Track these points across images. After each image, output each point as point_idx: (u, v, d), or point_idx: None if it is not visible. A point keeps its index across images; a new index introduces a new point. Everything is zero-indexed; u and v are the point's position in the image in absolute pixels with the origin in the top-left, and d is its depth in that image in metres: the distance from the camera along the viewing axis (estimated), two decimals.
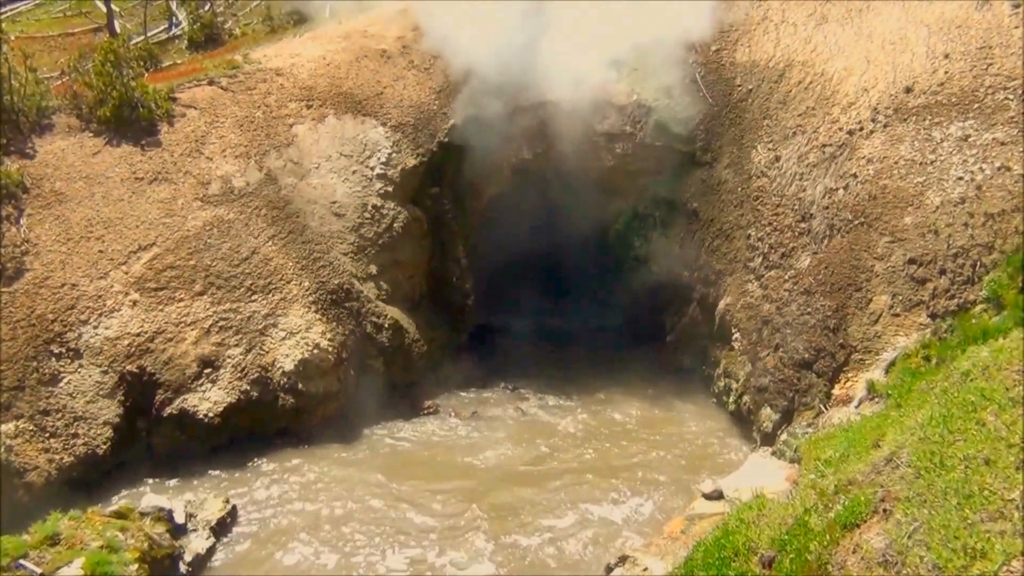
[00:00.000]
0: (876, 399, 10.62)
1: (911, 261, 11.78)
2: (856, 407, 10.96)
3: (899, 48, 13.90)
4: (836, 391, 11.80)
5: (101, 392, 12.95)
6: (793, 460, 10.60)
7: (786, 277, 13.28)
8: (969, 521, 5.29)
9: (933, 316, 11.43)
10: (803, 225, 13.41)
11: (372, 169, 15.61)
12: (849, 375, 11.83)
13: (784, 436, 11.95)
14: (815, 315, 12.42)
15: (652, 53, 16.15)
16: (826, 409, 11.69)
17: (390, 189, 15.63)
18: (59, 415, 12.62)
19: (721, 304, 14.70)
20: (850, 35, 14.71)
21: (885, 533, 5.70)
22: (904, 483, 6.12)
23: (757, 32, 15.95)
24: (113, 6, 28.12)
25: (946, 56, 13.28)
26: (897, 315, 11.67)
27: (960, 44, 13.32)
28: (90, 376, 12.97)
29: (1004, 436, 5.98)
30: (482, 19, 16.04)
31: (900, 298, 11.72)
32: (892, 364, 11.20)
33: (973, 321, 10.57)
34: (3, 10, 31.47)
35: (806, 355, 12.38)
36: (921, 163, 12.41)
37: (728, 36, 16.29)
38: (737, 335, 14.07)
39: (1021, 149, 11.78)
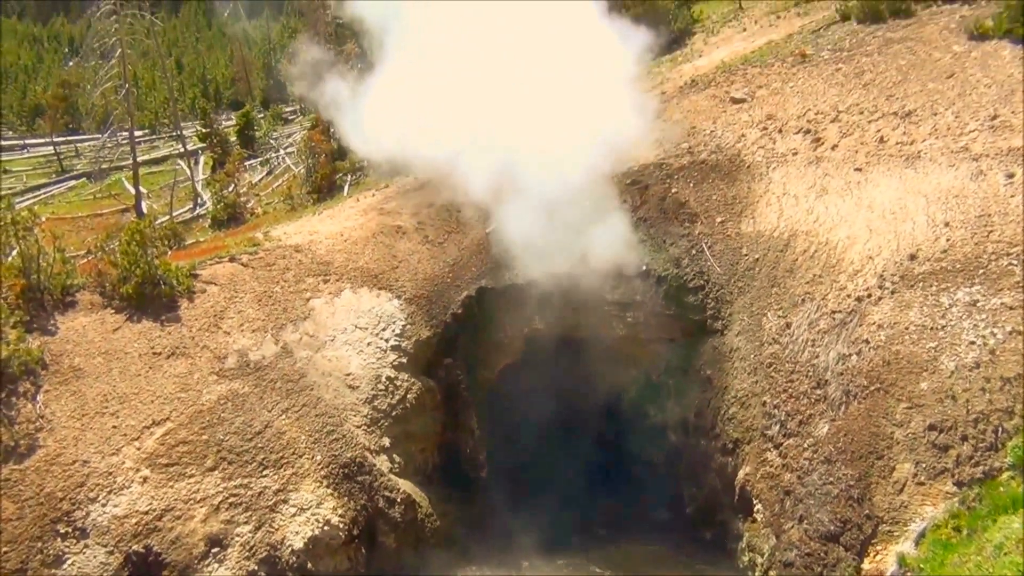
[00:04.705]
0: (908, 574, 10.20)
1: (931, 427, 11.60)
2: None
3: (900, 217, 14.29)
4: (866, 565, 11.33)
5: (105, 573, 12.58)
6: None
7: (805, 445, 13.06)
8: None
9: (959, 484, 11.12)
10: (819, 392, 13.33)
11: (387, 341, 15.79)
12: (878, 548, 11.39)
13: None
14: (838, 485, 12.11)
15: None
16: None
17: (404, 361, 15.75)
18: None
19: (740, 474, 14.40)
20: (851, 206, 15.17)
21: None
22: None
23: (760, 204, 16.47)
24: (142, 188, 29.51)
25: (946, 224, 13.63)
26: (922, 484, 11.37)
27: (959, 213, 13.71)
28: (95, 557, 12.64)
29: None
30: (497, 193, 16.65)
31: (924, 466, 11.45)
32: (922, 535, 10.82)
33: (1001, 489, 10.32)
34: (38, 193, 33.05)
35: (832, 527, 11.98)
36: (932, 328, 12.46)
37: (732, 208, 16.80)
38: (759, 506, 13.69)
39: None
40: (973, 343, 11.98)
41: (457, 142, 17.07)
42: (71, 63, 47.67)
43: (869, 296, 13.41)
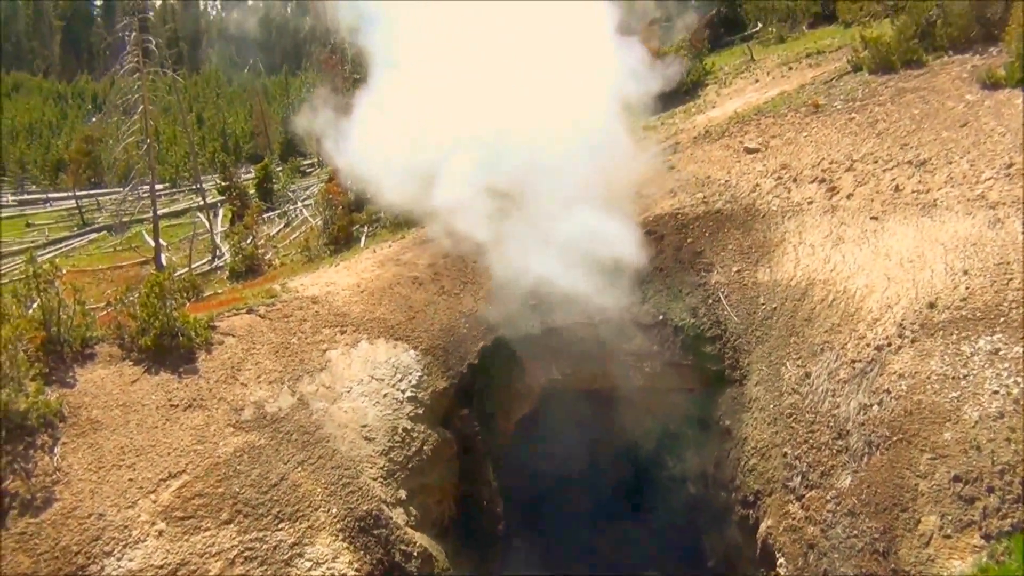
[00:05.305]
0: None
1: (956, 479, 11.39)
2: None
3: (917, 265, 14.23)
4: None
5: None
6: None
7: (828, 497, 12.85)
8: None
9: (987, 537, 10.88)
10: (840, 442, 13.15)
11: (403, 392, 15.75)
12: None
13: None
14: (862, 538, 11.88)
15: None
16: None
17: (420, 412, 15.68)
18: None
19: (762, 527, 14.16)
20: (868, 254, 15.13)
21: None
22: None
23: (776, 253, 16.46)
24: (161, 241, 29.84)
25: (965, 272, 13.55)
26: (949, 537, 11.12)
27: (978, 261, 13.63)
28: None
29: None
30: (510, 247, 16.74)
31: (950, 518, 11.22)
32: None
33: None
34: (59, 246, 33.51)
35: None
36: (954, 377, 12.31)
37: (748, 257, 16.80)
38: (782, 560, 13.43)
39: None
40: (996, 392, 11.81)
41: (469, 193, 17.27)
42: (94, 119, 48.72)
43: (889, 345, 13.29)
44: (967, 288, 13.28)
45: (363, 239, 25.63)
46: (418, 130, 17.87)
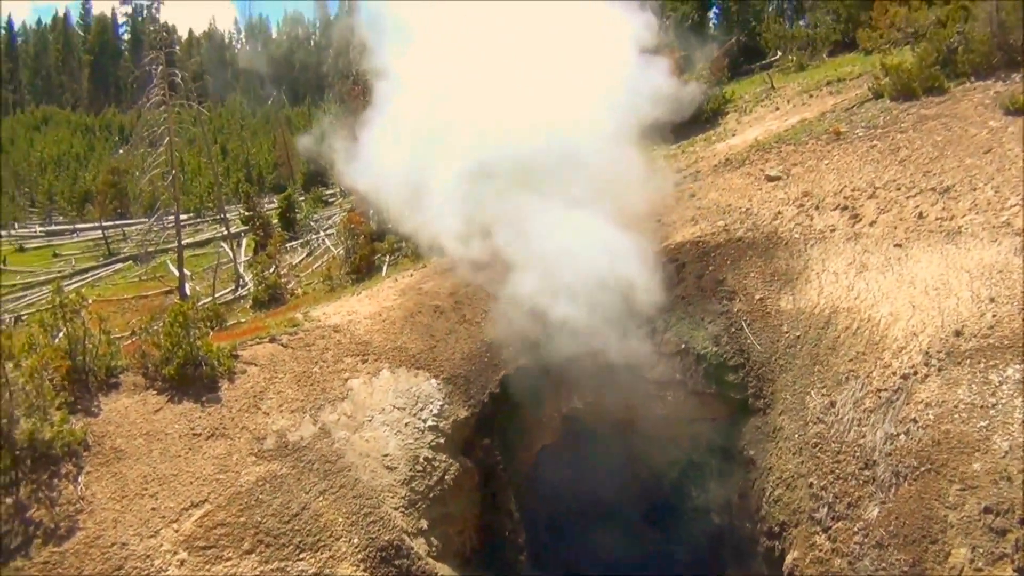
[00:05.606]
0: None
1: (986, 510, 11.19)
2: None
3: (943, 293, 14.09)
4: None
5: None
6: None
7: (855, 529, 12.64)
8: None
9: (1020, 571, 10.65)
10: (867, 473, 12.96)
11: (424, 421, 15.73)
12: None
13: None
14: (891, 571, 11.67)
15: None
16: None
17: (442, 441, 15.64)
18: None
19: (788, 559, 13.94)
20: (892, 282, 15.00)
21: None
22: None
23: (799, 281, 16.36)
24: (186, 270, 30.14)
25: (992, 300, 13.40)
26: (980, 570, 10.90)
27: (1004, 288, 13.48)
28: None
29: None
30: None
31: (981, 551, 11.00)
32: None
33: None
34: (86, 276, 33.96)
35: None
36: (982, 406, 12.13)
37: (770, 285, 16.70)
38: None
39: None
40: None
41: (485, 222, 17.36)
42: (121, 151, 49.49)
43: (915, 374, 13.13)
44: (994, 316, 13.12)
45: (384, 268, 25.76)
46: (427, 156, 18.00)
